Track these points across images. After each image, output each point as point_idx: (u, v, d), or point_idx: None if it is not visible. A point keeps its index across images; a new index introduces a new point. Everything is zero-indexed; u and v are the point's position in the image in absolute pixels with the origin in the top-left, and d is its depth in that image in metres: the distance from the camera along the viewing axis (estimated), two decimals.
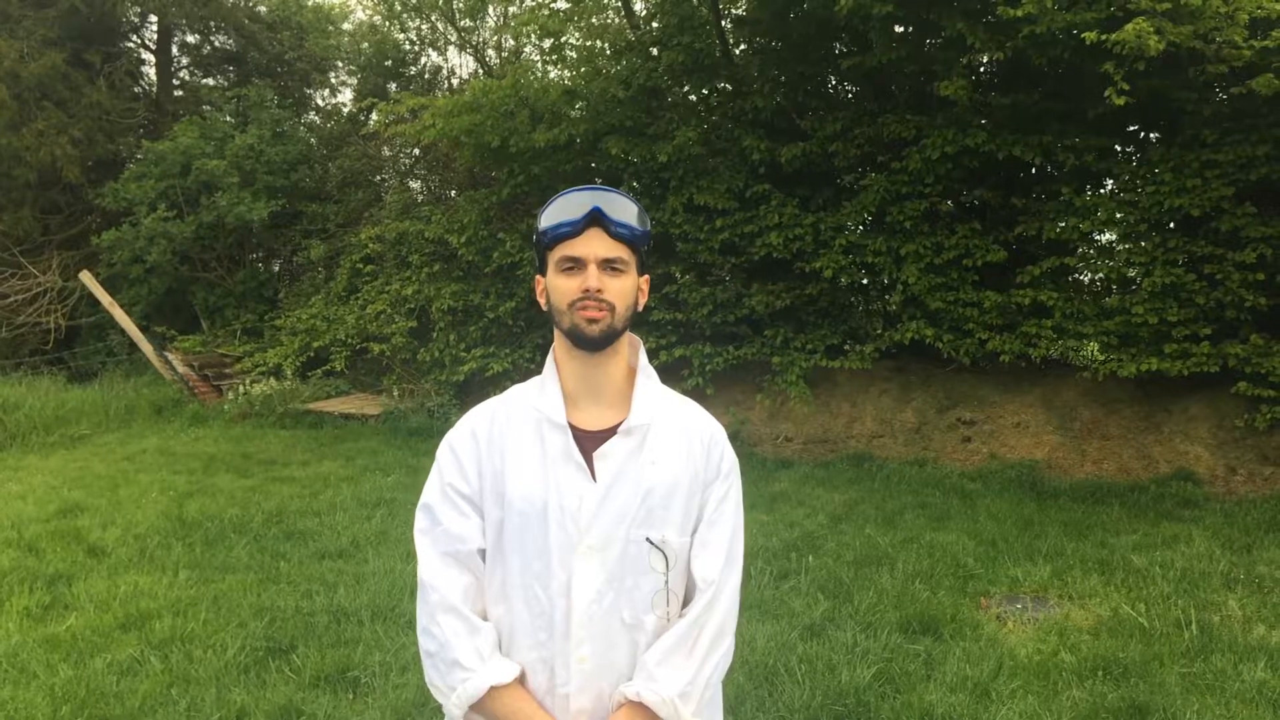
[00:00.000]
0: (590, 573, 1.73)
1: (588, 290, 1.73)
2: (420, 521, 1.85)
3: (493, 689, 1.72)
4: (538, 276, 1.85)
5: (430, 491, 1.85)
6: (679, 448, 1.83)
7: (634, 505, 1.76)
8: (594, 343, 1.76)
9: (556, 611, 1.73)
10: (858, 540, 6.43)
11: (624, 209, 1.77)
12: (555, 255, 1.77)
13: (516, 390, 1.91)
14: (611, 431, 1.80)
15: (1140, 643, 4.65)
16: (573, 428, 1.80)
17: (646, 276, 1.87)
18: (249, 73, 18.22)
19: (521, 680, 1.76)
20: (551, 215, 1.77)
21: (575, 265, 1.75)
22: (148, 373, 14.08)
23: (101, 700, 4.19)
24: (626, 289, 1.79)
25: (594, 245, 1.74)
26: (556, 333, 1.83)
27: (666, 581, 1.78)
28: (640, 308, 1.86)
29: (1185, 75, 7.77)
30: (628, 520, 1.76)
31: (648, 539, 1.76)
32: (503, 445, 1.81)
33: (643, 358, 1.89)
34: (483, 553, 1.81)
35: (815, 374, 9.67)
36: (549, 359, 1.87)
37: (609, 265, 1.75)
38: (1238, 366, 7.79)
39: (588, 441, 1.79)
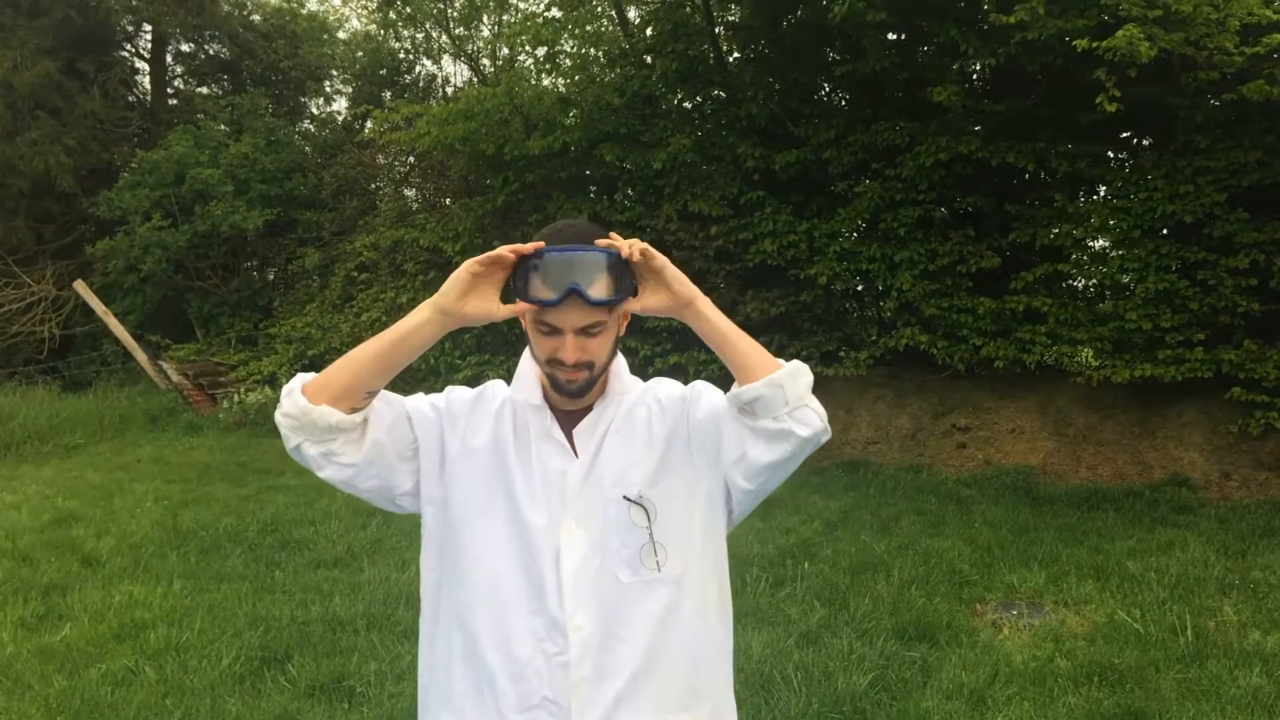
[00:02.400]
0: (575, 542, 1.75)
1: (564, 360, 1.72)
2: None
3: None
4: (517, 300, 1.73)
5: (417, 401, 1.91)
6: (650, 411, 1.85)
7: (613, 471, 1.79)
8: (572, 395, 1.78)
9: (548, 584, 1.74)
10: (853, 547, 6.43)
11: (600, 284, 1.65)
12: (530, 312, 1.72)
13: (494, 384, 1.94)
14: (588, 410, 1.83)
15: (1136, 648, 4.65)
16: (554, 409, 1.83)
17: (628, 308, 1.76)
18: (243, 81, 18.22)
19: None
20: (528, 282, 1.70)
21: (552, 330, 1.72)
22: (142, 382, 14.05)
23: (96, 711, 4.18)
24: (605, 344, 1.75)
25: (571, 317, 1.69)
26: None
27: (651, 534, 1.79)
28: (622, 332, 1.84)
29: (1177, 82, 7.80)
30: (603, 485, 1.78)
31: (624, 496, 1.78)
32: (485, 423, 1.85)
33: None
34: (405, 422, 1.87)
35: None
36: (525, 361, 1.88)
37: (586, 331, 1.71)
38: (1231, 372, 7.81)
39: (569, 420, 1.82)
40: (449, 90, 17.33)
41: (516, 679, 1.73)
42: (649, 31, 11.15)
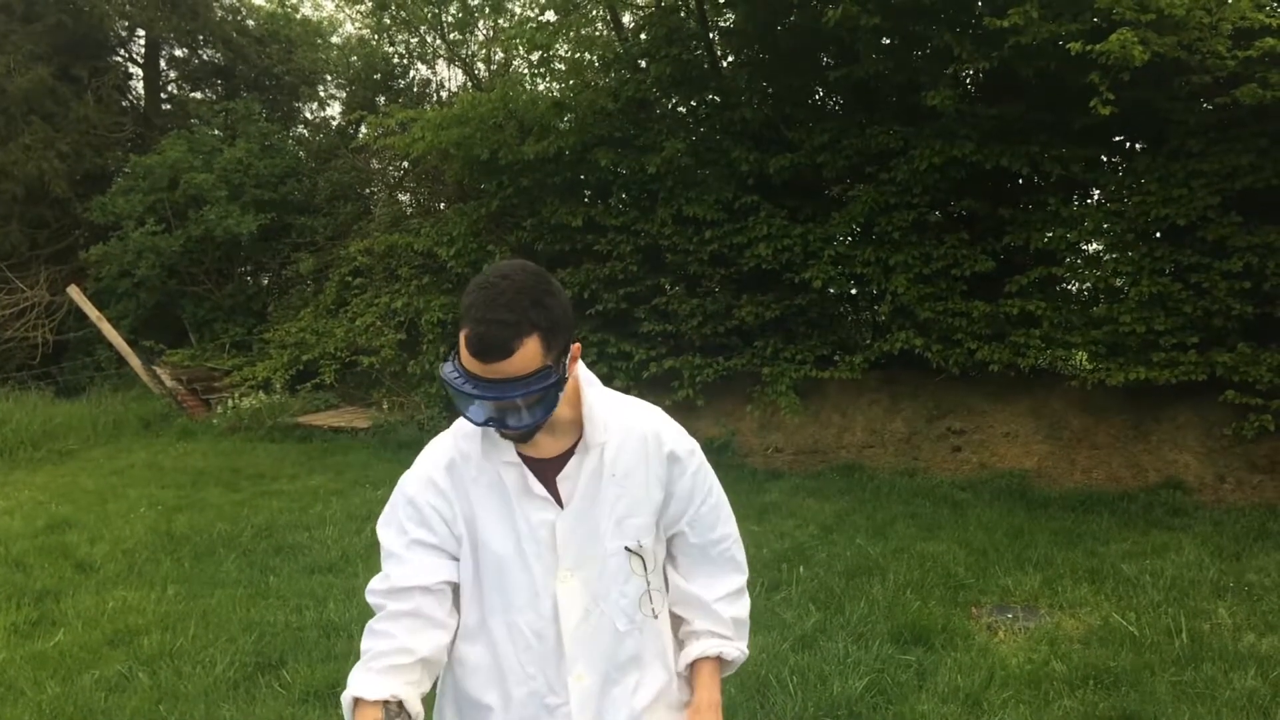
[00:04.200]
0: (574, 594, 1.74)
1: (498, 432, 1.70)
2: (382, 573, 1.79)
3: (358, 700, 1.69)
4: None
5: (392, 541, 1.79)
6: (637, 453, 1.81)
7: (605, 519, 1.76)
8: (520, 441, 1.74)
9: (547, 641, 1.73)
10: (848, 551, 6.43)
11: (519, 413, 1.62)
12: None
13: (463, 427, 1.82)
14: (569, 454, 1.78)
15: (1131, 651, 4.65)
16: (527, 459, 1.77)
17: (576, 345, 1.73)
18: (237, 86, 18.20)
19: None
20: (454, 396, 1.66)
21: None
22: (136, 387, 14.01)
23: (89, 717, 4.16)
24: (543, 405, 1.67)
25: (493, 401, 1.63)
26: None
27: (648, 583, 1.81)
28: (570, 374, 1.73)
29: (1170, 85, 7.83)
30: (601, 535, 1.76)
31: (625, 548, 1.77)
32: (466, 493, 1.78)
33: (580, 368, 1.80)
34: (452, 588, 1.78)
35: (805, 384, 9.68)
36: None
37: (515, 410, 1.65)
38: (1225, 375, 7.82)
39: (547, 468, 1.77)
40: (443, 95, 17.32)
41: None
42: (643, 36, 11.17)
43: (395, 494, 1.83)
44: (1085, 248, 9.15)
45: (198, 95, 18.88)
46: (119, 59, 18.26)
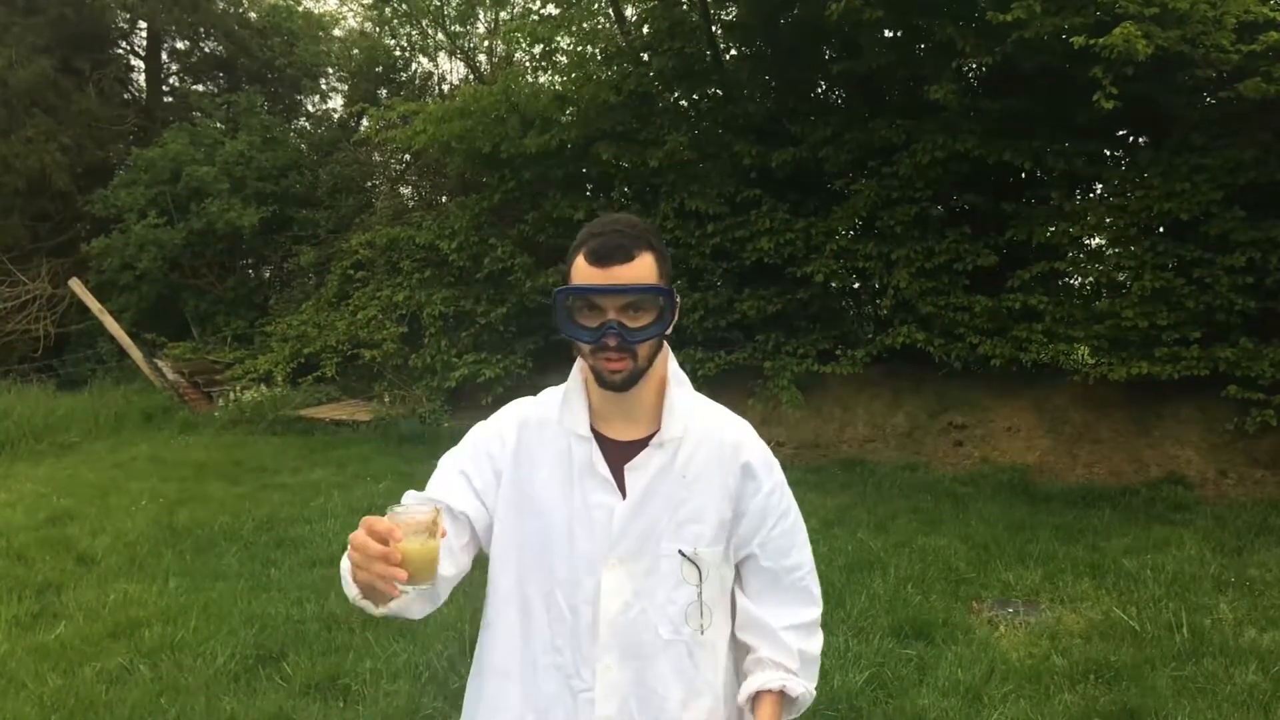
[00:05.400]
0: (618, 583, 1.70)
1: (608, 343, 1.64)
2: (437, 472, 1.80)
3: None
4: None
5: (450, 462, 1.80)
6: (711, 459, 1.77)
7: (665, 519, 1.72)
8: (618, 387, 1.70)
9: (582, 619, 1.69)
10: (850, 545, 6.43)
11: (639, 324, 1.64)
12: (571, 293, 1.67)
13: (549, 394, 1.84)
14: (643, 443, 1.75)
15: (1132, 646, 4.65)
16: (600, 437, 1.75)
17: (678, 299, 1.72)
18: (239, 79, 18.19)
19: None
20: (565, 308, 1.67)
21: (593, 308, 1.66)
22: (138, 380, 14.01)
23: (91, 709, 4.16)
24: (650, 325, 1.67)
25: (612, 300, 1.64)
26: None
27: (700, 594, 1.74)
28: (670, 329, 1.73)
29: (1173, 80, 7.81)
30: (658, 534, 1.72)
31: (680, 551, 1.72)
32: (530, 454, 1.76)
33: (672, 364, 1.80)
34: (470, 529, 1.76)
35: (807, 379, 9.67)
36: (574, 372, 1.80)
37: (629, 309, 1.65)
38: (1227, 370, 7.81)
39: (617, 453, 1.74)
40: (445, 88, 17.31)
41: (542, 714, 1.71)
42: (646, 29, 11.15)
43: (465, 438, 1.83)
44: (1088, 242, 9.14)
45: (199, 88, 18.88)
46: (121, 52, 18.29)
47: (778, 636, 1.82)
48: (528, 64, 13.71)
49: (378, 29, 17.59)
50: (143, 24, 17.96)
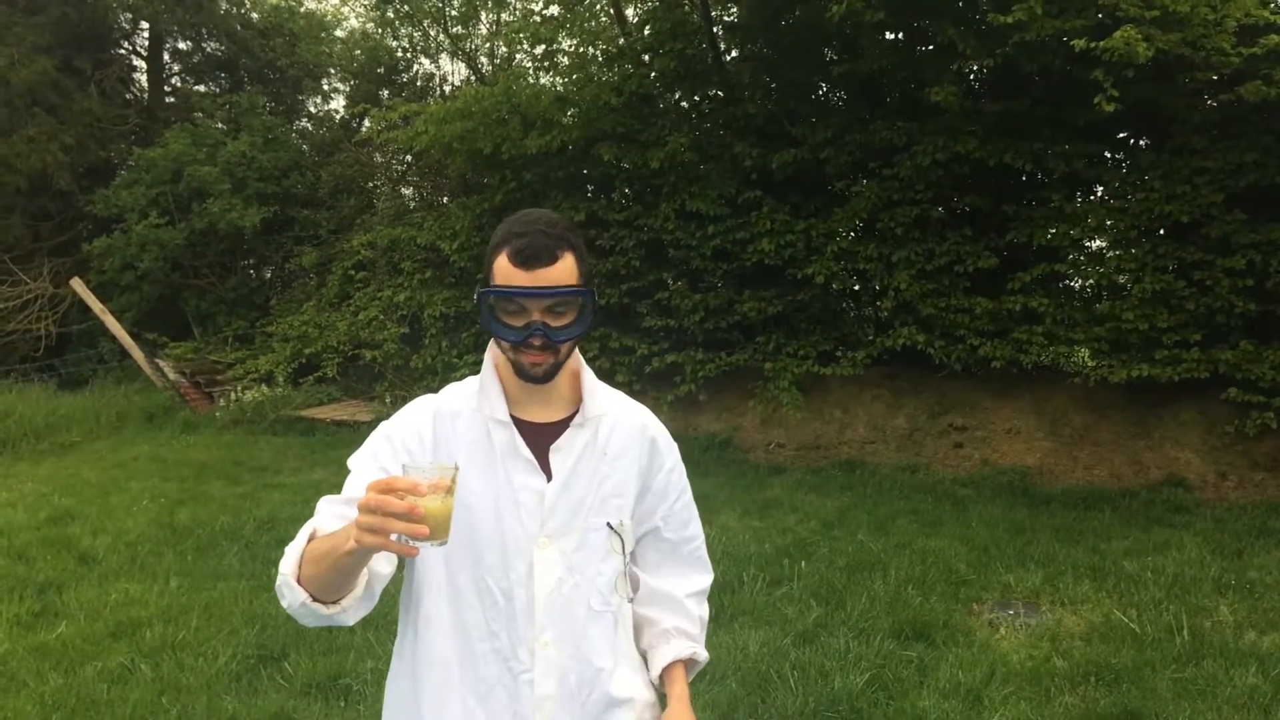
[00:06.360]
0: (550, 561, 1.74)
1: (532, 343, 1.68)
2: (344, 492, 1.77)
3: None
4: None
5: (364, 460, 1.78)
6: (629, 437, 1.86)
7: (591, 495, 1.78)
8: (539, 380, 1.74)
9: (516, 602, 1.72)
10: (850, 546, 6.43)
11: (563, 323, 1.68)
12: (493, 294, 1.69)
13: (454, 388, 1.86)
14: (562, 425, 1.80)
15: (1132, 648, 4.66)
16: (520, 422, 1.78)
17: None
18: (241, 79, 18.21)
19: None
20: (489, 307, 1.69)
21: (519, 310, 1.68)
22: (139, 380, 14.03)
23: (92, 709, 4.17)
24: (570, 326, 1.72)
25: (536, 302, 1.67)
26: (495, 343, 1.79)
27: (625, 562, 1.83)
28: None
29: (1174, 82, 7.81)
30: (585, 510, 1.77)
31: (608, 524, 1.79)
32: (448, 446, 1.77)
33: (578, 354, 1.84)
34: None
35: (807, 380, 9.67)
36: (487, 361, 1.83)
37: (553, 309, 1.68)
38: (1228, 372, 7.81)
39: (538, 435, 1.78)
40: (447, 89, 17.31)
41: (484, 699, 1.73)
42: (647, 30, 11.15)
43: (372, 436, 1.82)
44: (1088, 244, 9.14)
45: (201, 88, 18.88)
46: (123, 51, 18.28)
47: (682, 604, 1.92)
48: (529, 65, 13.73)
49: (379, 30, 17.59)
50: (145, 24, 17.98)
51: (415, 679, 1.79)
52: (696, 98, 11.25)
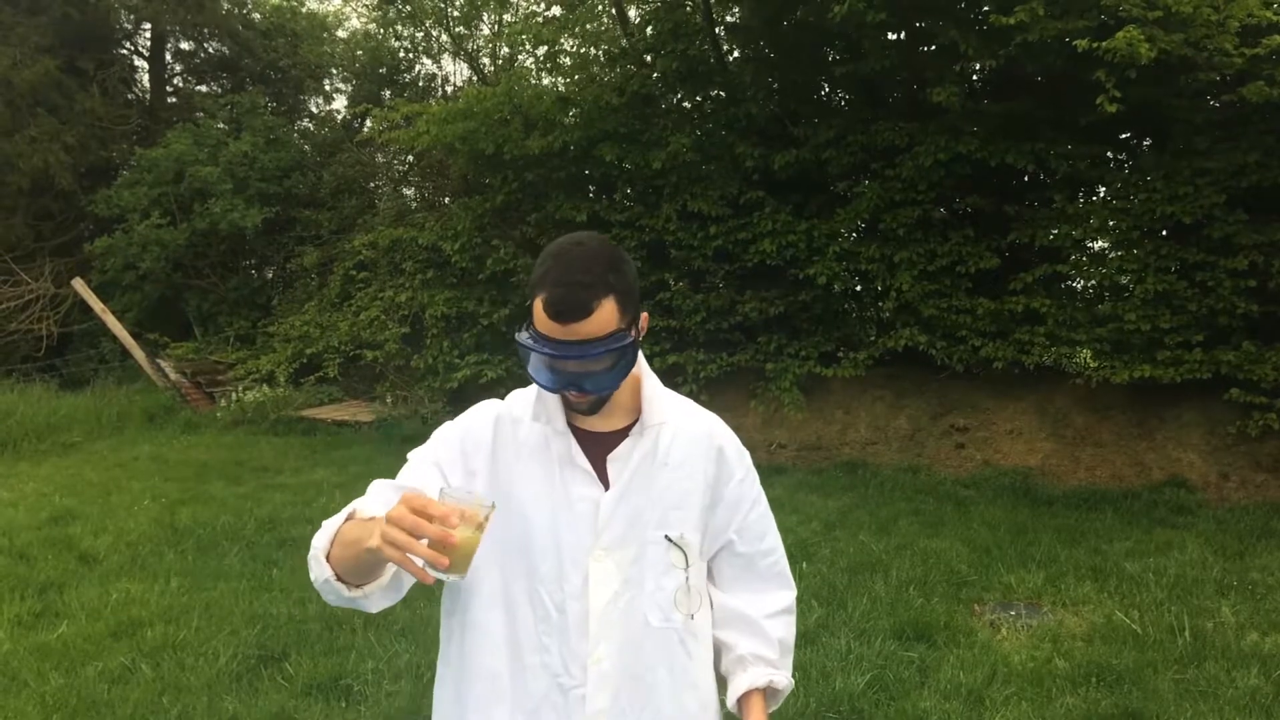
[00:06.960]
0: (606, 574, 1.69)
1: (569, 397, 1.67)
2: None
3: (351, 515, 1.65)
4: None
5: (422, 455, 1.77)
6: (693, 446, 1.79)
7: (650, 506, 1.72)
8: (586, 413, 1.72)
9: (570, 615, 1.67)
10: (852, 547, 6.43)
11: (597, 377, 1.63)
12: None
13: (520, 393, 1.83)
14: (621, 434, 1.75)
15: (1134, 649, 4.65)
16: (578, 430, 1.74)
17: (645, 315, 1.74)
18: (243, 79, 18.20)
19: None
20: (526, 351, 1.63)
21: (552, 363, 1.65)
22: (140, 380, 14.03)
23: (93, 708, 4.17)
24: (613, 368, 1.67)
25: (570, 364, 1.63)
26: None
27: (687, 578, 1.74)
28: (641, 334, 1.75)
29: (1177, 83, 7.80)
30: (644, 522, 1.72)
31: (667, 537, 1.72)
32: (507, 452, 1.74)
33: (641, 361, 1.80)
34: None
35: (809, 381, 9.67)
36: None
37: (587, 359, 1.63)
38: (1230, 373, 7.81)
39: (596, 445, 1.74)
40: (448, 89, 17.33)
41: (532, 715, 1.68)
42: (649, 31, 11.15)
43: (434, 435, 1.80)
44: (1090, 245, 9.14)
45: (203, 88, 18.90)
46: (125, 52, 18.29)
47: (759, 627, 1.82)
48: (531, 66, 13.73)
49: (381, 30, 17.59)
50: (147, 24, 17.99)
51: (460, 688, 1.75)
52: (698, 98, 11.25)
